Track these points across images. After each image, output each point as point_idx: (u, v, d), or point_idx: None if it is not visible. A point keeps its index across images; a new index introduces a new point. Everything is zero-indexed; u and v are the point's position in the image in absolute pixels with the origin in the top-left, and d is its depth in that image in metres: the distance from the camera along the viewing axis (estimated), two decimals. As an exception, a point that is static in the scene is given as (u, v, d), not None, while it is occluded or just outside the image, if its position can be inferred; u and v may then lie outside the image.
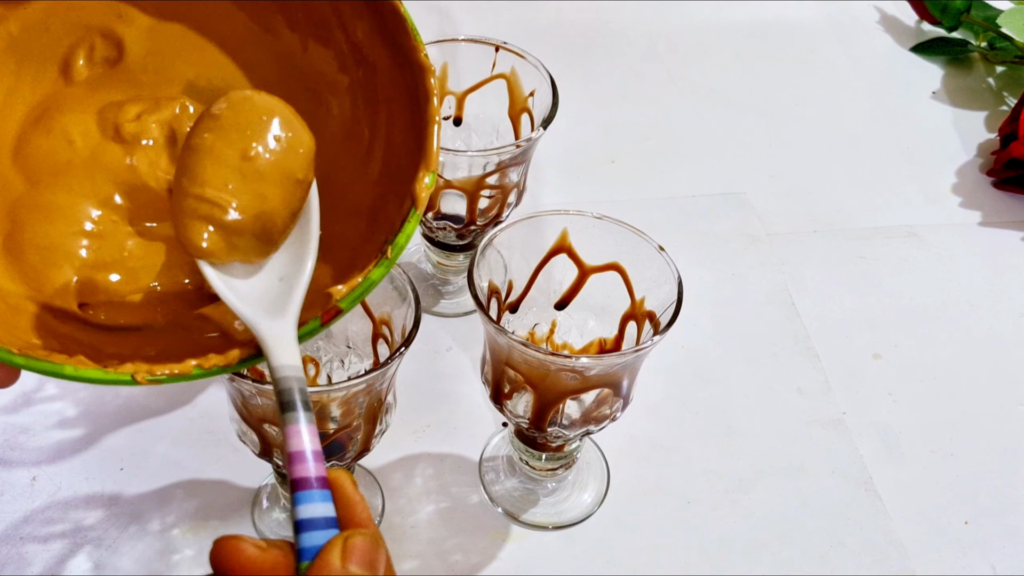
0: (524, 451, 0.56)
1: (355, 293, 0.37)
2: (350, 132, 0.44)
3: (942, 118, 0.86)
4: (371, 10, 0.41)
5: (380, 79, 0.43)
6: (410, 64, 0.41)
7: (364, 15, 0.42)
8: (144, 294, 0.42)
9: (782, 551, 0.57)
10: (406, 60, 0.41)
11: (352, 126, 0.44)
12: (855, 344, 0.68)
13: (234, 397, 0.48)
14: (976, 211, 0.78)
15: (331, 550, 0.31)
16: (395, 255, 0.38)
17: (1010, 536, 0.59)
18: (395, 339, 0.50)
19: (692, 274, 0.52)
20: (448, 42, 0.62)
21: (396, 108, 0.42)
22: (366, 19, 0.42)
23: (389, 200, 0.40)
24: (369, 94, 0.43)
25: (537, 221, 0.53)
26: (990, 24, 0.88)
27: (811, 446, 0.62)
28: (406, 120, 0.41)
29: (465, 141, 0.65)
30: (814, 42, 0.92)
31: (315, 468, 0.32)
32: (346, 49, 0.43)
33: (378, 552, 0.32)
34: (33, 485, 0.57)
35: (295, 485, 0.32)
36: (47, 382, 0.61)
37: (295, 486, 0.32)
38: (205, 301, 0.42)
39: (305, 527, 0.32)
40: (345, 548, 0.31)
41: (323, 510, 0.32)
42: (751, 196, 0.77)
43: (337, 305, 0.37)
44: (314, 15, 0.43)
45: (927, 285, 0.72)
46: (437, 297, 0.68)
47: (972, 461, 0.62)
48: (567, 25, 0.90)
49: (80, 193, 0.42)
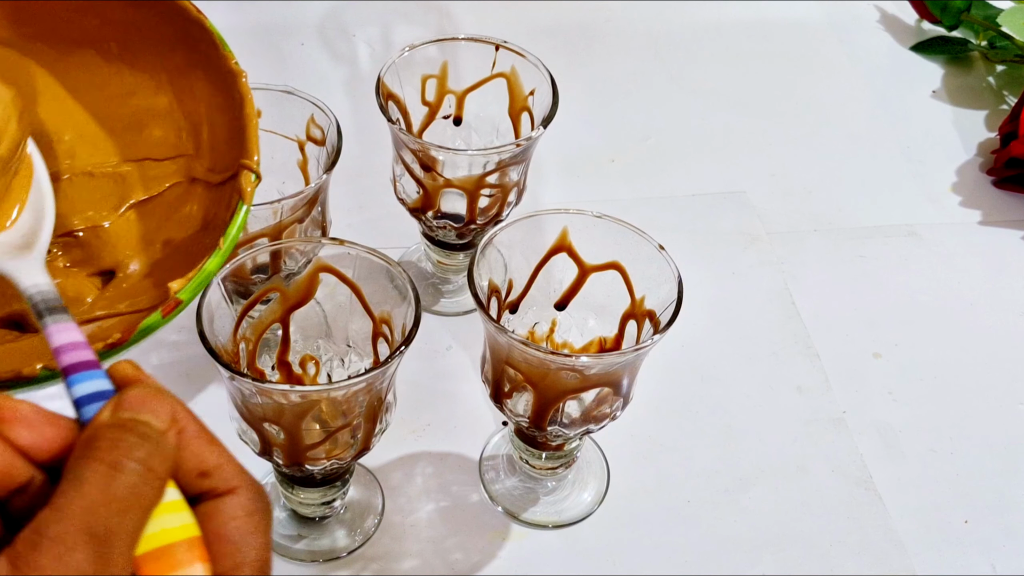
0: (524, 450, 0.56)
1: (193, 284, 0.40)
2: (176, 150, 0.47)
3: (942, 117, 0.86)
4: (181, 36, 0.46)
5: (198, 95, 0.46)
6: (223, 74, 0.44)
7: (176, 45, 0.46)
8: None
9: (782, 550, 0.57)
10: (219, 72, 0.45)
11: (176, 144, 0.47)
12: (855, 343, 0.68)
13: (234, 396, 0.48)
14: (976, 210, 0.78)
15: (104, 408, 0.30)
16: (228, 246, 0.41)
17: (1010, 535, 0.59)
18: (395, 338, 0.50)
19: (692, 273, 0.52)
20: (448, 41, 0.62)
21: (217, 118, 0.45)
22: (179, 47, 0.46)
23: (220, 204, 0.43)
24: (189, 112, 0.47)
25: (537, 220, 0.53)
26: (990, 23, 0.88)
27: (811, 445, 0.62)
28: (228, 126, 0.44)
29: (465, 140, 0.65)
30: (814, 41, 0.92)
31: (85, 354, 0.32)
32: (164, 76, 0.47)
33: (160, 400, 0.30)
34: (33, 484, 0.57)
35: (67, 372, 0.31)
36: (47, 381, 0.61)
37: (67, 372, 0.31)
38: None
39: (84, 402, 0.30)
40: (118, 402, 0.30)
41: (100, 384, 0.31)
42: (751, 195, 0.77)
43: (176, 297, 0.39)
44: (129, 47, 0.47)
45: (927, 284, 0.72)
46: (437, 296, 0.68)
47: (972, 460, 0.62)
48: (567, 24, 0.90)
49: None
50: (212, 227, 0.43)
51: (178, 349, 0.63)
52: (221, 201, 0.44)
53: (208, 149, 0.47)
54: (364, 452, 0.51)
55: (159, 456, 0.29)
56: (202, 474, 0.30)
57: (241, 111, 0.44)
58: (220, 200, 0.44)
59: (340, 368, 0.54)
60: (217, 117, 0.46)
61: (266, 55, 0.84)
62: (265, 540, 0.30)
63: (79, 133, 0.48)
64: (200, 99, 0.47)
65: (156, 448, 0.29)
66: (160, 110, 0.48)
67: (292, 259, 0.56)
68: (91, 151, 0.48)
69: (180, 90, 0.48)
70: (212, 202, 0.45)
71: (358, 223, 0.70)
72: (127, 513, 0.28)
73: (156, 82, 0.48)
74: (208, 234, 0.42)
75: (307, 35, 0.86)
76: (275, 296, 0.51)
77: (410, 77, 0.62)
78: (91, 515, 0.27)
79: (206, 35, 0.45)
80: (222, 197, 0.44)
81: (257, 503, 0.30)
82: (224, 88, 0.45)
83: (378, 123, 0.60)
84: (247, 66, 0.46)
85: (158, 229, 0.47)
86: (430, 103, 0.63)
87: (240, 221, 0.42)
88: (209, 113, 0.47)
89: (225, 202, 0.43)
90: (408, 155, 0.59)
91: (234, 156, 0.43)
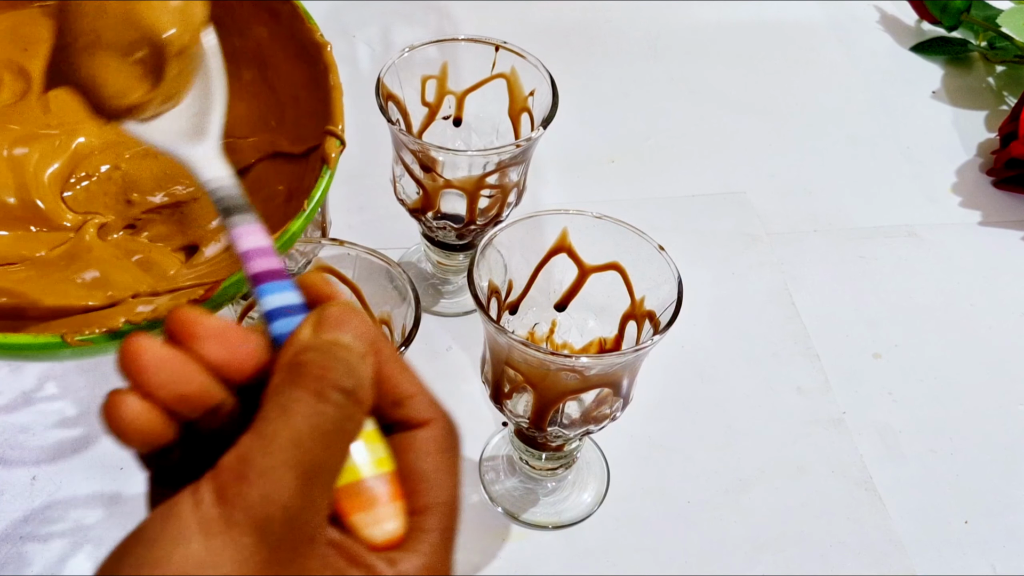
0: (524, 451, 0.56)
1: (278, 244, 0.39)
2: (260, 125, 0.47)
3: (942, 118, 0.86)
4: (265, 9, 0.46)
5: (282, 68, 0.47)
6: (307, 46, 0.45)
7: (260, 19, 0.46)
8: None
9: (782, 551, 0.57)
10: (303, 44, 0.45)
11: (260, 119, 0.47)
12: (855, 343, 0.68)
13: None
14: (976, 211, 0.78)
15: (303, 325, 0.28)
16: (312, 208, 0.40)
17: (1010, 536, 0.59)
18: (395, 339, 0.50)
19: (692, 274, 0.52)
20: (448, 41, 0.62)
21: (301, 90, 0.46)
22: (262, 21, 0.46)
23: (303, 175, 0.43)
24: (274, 86, 0.47)
25: (537, 221, 0.52)
26: (990, 24, 0.88)
27: (811, 446, 0.62)
28: (312, 98, 0.45)
29: (465, 141, 0.65)
30: (814, 41, 0.92)
31: (273, 261, 0.30)
32: (248, 51, 0.47)
33: (359, 320, 0.29)
34: (33, 484, 0.57)
35: (257, 280, 0.29)
36: (46, 381, 0.61)
37: (257, 280, 0.29)
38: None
39: (275, 316, 0.29)
40: (318, 319, 0.28)
41: (290, 297, 0.29)
42: (751, 195, 0.77)
43: None
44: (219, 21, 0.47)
45: (927, 284, 0.72)
46: (437, 297, 0.68)
47: (972, 460, 0.62)
48: (567, 25, 0.90)
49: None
50: (296, 197, 0.43)
51: (178, 350, 0.63)
52: (305, 172, 0.44)
53: (292, 122, 0.47)
54: (364, 453, 0.50)
55: (364, 387, 0.28)
56: (396, 403, 0.29)
57: (326, 81, 0.44)
58: (304, 171, 0.44)
59: (340, 369, 0.54)
60: (301, 90, 0.46)
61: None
62: (457, 481, 0.29)
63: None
64: (284, 72, 0.47)
65: (361, 378, 0.27)
66: (245, 86, 0.47)
67: (292, 260, 0.56)
68: None
69: (264, 65, 0.48)
70: (295, 175, 0.45)
71: (358, 224, 0.70)
72: (333, 447, 0.26)
73: (240, 57, 0.47)
74: (292, 204, 0.42)
75: (307, 36, 0.86)
76: (275, 297, 0.51)
77: (410, 78, 0.62)
78: (298, 448, 0.26)
79: (289, 7, 0.45)
80: (306, 168, 0.44)
81: (450, 439, 0.29)
82: (308, 60, 0.45)
83: (378, 124, 0.60)
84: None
85: None
86: (430, 104, 0.63)
87: (325, 185, 0.41)
88: (293, 86, 0.47)
89: (309, 172, 0.43)
90: (408, 156, 0.59)
91: (317, 126, 0.43)
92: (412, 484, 0.28)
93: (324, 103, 0.44)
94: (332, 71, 0.44)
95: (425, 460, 0.29)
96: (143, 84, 0.36)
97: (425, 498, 0.28)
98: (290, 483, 0.25)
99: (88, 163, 0.48)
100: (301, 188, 0.43)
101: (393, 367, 0.29)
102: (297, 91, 0.46)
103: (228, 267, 0.41)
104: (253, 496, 0.25)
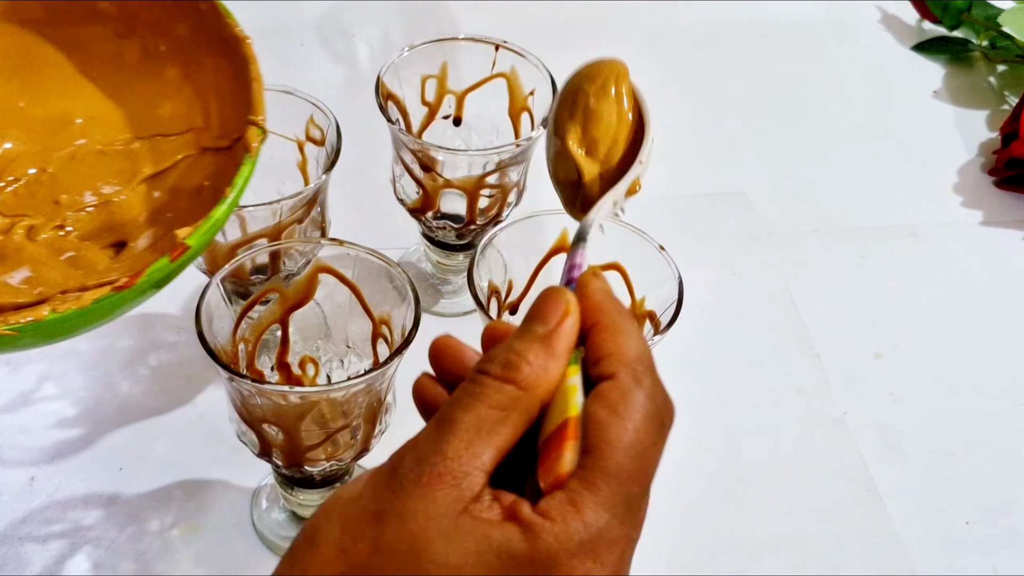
0: (524, 451, 0.56)
1: (200, 231, 0.41)
2: (186, 123, 0.49)
3: (943, 117, 0.86)
4: (185, 8, 0.48)
5: (205, 65, 0.48)
6: (228, 41, 0.47)
7: (180, 18, 0.48)
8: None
9: (782, 551, 0.57)
10: (224, 39, 0.47)
11: (186, 117, 0.49)
12: (856, 344, 0.68)
13: (233, 397, 0.48)
14: (977, 210, 0.78)
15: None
16: (235, 195, 0.42)
17: (1011, 536, 0.58)
18: (395, 339, 0.50)
19: (692, 274, 0.52)
20: (448, 41, 0.62)
21: (224, 85, 0.48)
22: (183, 20, 0.48)
23: (229, 167, 0.45)
24: (197, 83, 0.49)
25: (537, 221, 0.52)
26: (991, 23, 0.88)
27: (812, 446, 0.62)
28: (235, 91, 0.47)
29: (465, 140, 0.65)
30: (815, 41, 0.92)
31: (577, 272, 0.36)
32: (170, 50, 0.49)
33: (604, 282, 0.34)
34: (32, 485, 0.57)
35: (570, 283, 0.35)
36: (45, 381, 0.61)
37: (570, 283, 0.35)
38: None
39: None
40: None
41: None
42: (752, 195, 0.77)
43: (184, 243, 0.41)
44: (134, 24, 0.49)
45: (928, 285, 0.72)
46: (437, 297, 0.68)
47: (973, 461, 0.62)
48: (567, 24, 0.90)
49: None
50: (222, 190, 0.44)
51: (177, 350, 0.63)
52: (230, 163, 0.45)
53: (217, 118, 0.48)
54: (364, 453, 0.50)
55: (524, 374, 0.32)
56: (595, 361, 0.32)
57: (247, 74, 0.46)
58: (229, 163, 0.46)
59: (339, 369, 0.54)
60: (224, 84, 0.48)
61: (265, 55, 0.83)
62: (628, 425, 0.31)
63: (91, 114, 0.50)
64: (207, 69, 0.48)
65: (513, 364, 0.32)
66: (168, 84, 0.49)
67: (291, 260, 0.55)
68: (102, 131, 0.50)
69: (187, 62, 0.49)
70: (221, 167, 0.47)
71: (357, 224, 0.70)
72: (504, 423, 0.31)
73: (163, 57, 0.49)
74: (218, 197, 0.44)
75: (306, 35, 0.86)
76: (274, 297, 0.51)
77: (410, 77, 0.61)
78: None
79: (209, 5, 0.47)
80: (231, 159, 0.45)
81: (628, 390, 0.31)
82: (230, 55, 0.47)
83: (377, 123, 0.59)
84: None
85: (169, 200, 0.48)
86: (430, 103, 0.63)
87: (247, 172, 0.43)
88: (216, 81, 0.48)
89: (234, 163, 0.44)
90: (408, 155, 0.59)
91: (241, 118, 0.45)
92: (588, 427, 0.31)
93: (246, 95, 0.45)
94: (252, 64, 0.46)
95: (597, 405, 0.31)
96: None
97: (591, 439, 0.30)
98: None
99: (15, 167, 0.48)
100: (227, 181, 0.44)
101: (603, 333, 0.33)
102: (220, 86, 0.48)
103: (154, 258, 0.42)
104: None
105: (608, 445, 0.30)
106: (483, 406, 0.31)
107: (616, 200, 0.40)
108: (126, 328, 0.64)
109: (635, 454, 0.30)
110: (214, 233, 0.42)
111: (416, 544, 0.28)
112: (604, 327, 0.33)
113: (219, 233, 0.54)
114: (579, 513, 0.29)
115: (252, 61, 0.46)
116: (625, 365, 0.32)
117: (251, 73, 0.46)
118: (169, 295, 0.66)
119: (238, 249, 0.55)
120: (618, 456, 0.30)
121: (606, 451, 0.30)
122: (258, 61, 0.46)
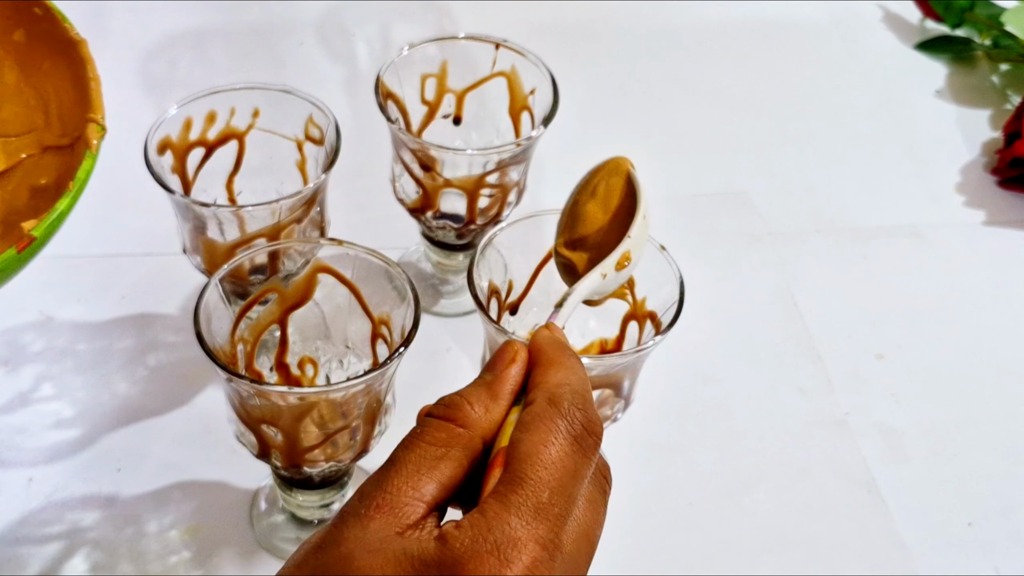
0: (524, 452, 0.56)
1: (45, 223, 0.43)
2: (28, 125, 0.51)
3: (946, 116, 0.85)
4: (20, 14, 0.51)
5: (43, 68, 0.51)
6: (64, 45, 0.49)
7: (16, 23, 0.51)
8: None
9: (784, 552, 0.57)
10: (61, 43, 0.49)
11: (28, 119, 0.52)
12: (858, 344, 0.68)
13: (232, 398, 0.48)
14: (980, 210, 0.78)
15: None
16: (78, 188, 0.44)
17: (1014, 537, 0.58)
18: (394, 339, 0.49)
19: (694, 274, 0.52)
20: (448, 40, 0.62)
21: (64, 87, 0.50)
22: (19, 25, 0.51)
23: (72, 164, 0.47)
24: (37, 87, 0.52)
25: (537, 220, 0.52)
26: (994, 22, 0.87)
27: (813, 447, 0.62)
28: (74, 92, 0.49)
29: (465, 140, 0.65)
30: (817, 40, 0.92)
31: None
32: (8, 55, 0.52)
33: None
34: (29, 486, 0.56)
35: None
36: (43, 382, 0.61)
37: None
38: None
39: None
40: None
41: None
42: (753, 195, 0.77)
43: (30, 234, 0.42)
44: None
45: (930, 285, 0.72)
46: (437, 297, 0.68)
47: (975, 462, 0.62)
48: (568, 23, 0.90)
49: None
50: (66, 185, 0.46)
51: (176, 351, 0.63)
52: (74, 160, 0.47)
53: (57, 118, 0.51)
54: (363, 454, 0.50)
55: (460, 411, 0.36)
56: (527, 396, 0.36)
57: (85, 75, 0.49)
58: (73, 160, 0.48)
59: (339, 369, 0.54)
60: (64, 86, 0.50)
61: (264, 54, 0.83)
62: (535, 438, 0.33)
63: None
64: (46, 72, 0.51)
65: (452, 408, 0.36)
66: (8, 87, 0.52)
67: (290, 260, 0.55)
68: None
69: (26, 66, 0.51)
70: (65, 164, 0.49)
71: (357, 223, 0.70)
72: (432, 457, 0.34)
73: (2, 62, 0.52)
74: (62, 191, 0.46)
75: (306, 34, 0.86)
76: (273, 297, 0.50)
77: (409, 76, 0.61)
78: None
79: (44, 10, 0.50)
80: (74, 157, 0.48)
81: (541, 410, 0.34)
82: (67, 57, 0.49)
83: (377, 123, 0.59)
84: (245, 66, 0.46)
85: (13, 200, 0.51)
86: (429, 102, 0.63)
87: (88, 167, 0.46)
88: (55, 84, 0.51)
89: (77, 160, 0.47)
90: (407, 155, 0.59)
91: (82, 117, 0.48)
92: (508, 452, 0.33)
93: (85, 95, 0.48)
94: (89, 65, 0.49)
95: (515, 430, 0.34)
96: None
97: (508, 458, 0.33)
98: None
99: None
100: (71, 176, 0.46)
101: (536, 369, 0.36)
102: (59, 87, 0.50)
103: (1, 250, 0.44)
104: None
105: (517, 460, 0.33)
106: (424, 443, 0.34)
107: (605, 272, 0.43)
108: (124, 328, 0.64)
109: (544, 465, 0.33)
110: (59, 225, 0.44)
111: (345, 564, 0.31)
112: (540, 365, 0.36)
113: (218, 233, 0.55)
114: (484, 518, 0.31)
115: (89, 62, 0.49)
116: (543, 391, 0.35)
117: (88, 74, 0.48)
118: (168, 295, 0.66)
119: (237, 249, 0.55)
120: (525, 467, 0.32)
121: (515, 465, 0.32)
122: (95, 62, 0.49)
